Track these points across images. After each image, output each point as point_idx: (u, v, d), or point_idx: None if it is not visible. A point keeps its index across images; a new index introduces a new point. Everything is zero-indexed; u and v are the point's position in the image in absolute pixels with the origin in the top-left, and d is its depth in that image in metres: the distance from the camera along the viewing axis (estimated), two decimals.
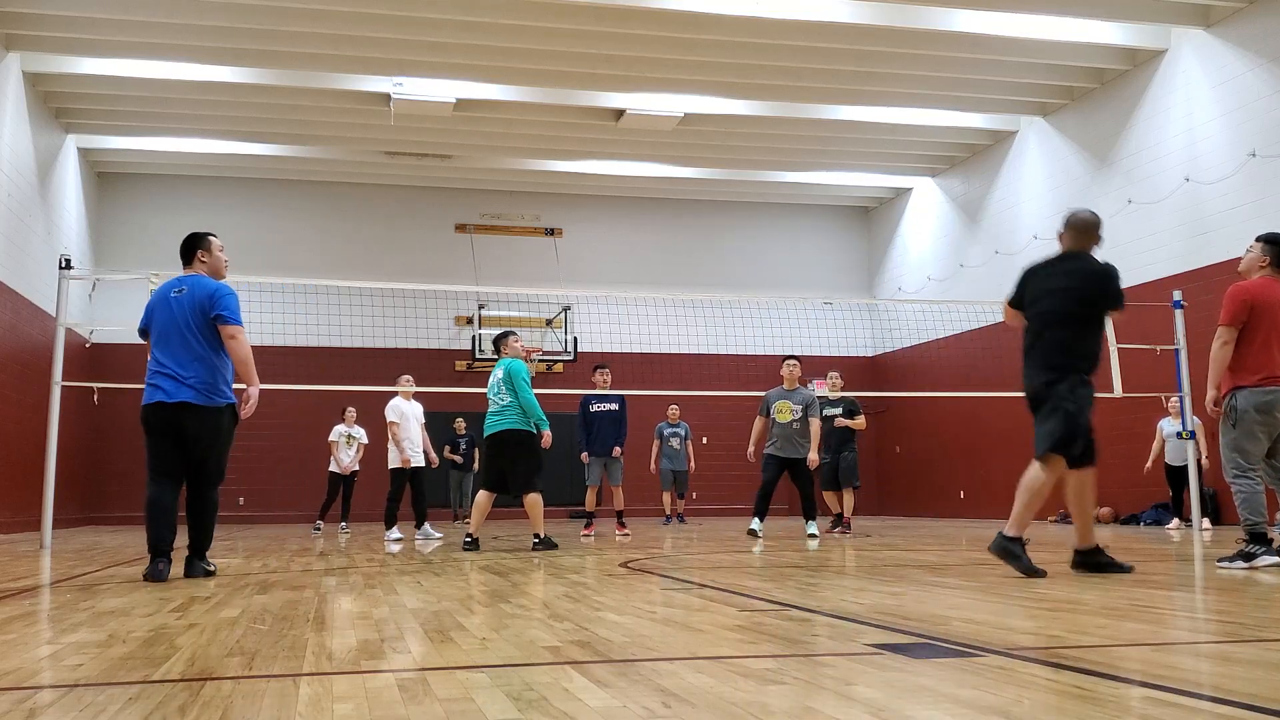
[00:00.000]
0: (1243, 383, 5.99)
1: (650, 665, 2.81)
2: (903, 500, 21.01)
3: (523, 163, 19.71)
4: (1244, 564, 5.88)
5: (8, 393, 14.05)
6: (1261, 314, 5.99)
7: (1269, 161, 12.77)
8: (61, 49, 14.49)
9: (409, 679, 2.61)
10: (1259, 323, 5.98)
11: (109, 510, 18.30)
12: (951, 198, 19.82)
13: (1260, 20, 13.07)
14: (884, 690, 2.41)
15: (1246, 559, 5.89)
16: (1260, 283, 6.13)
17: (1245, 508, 5.96)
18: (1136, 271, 14.76)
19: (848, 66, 15.05)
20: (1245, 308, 6.00)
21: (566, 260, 20.83)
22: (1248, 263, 6.33)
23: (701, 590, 5.01)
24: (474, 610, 4.14)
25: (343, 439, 14.34)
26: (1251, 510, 5.93)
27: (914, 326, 20.10)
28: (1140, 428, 13.82)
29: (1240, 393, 5.99)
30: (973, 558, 7.35)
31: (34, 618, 4.24)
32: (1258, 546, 5.90)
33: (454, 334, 19.98)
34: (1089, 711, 2.15)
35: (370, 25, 13.56)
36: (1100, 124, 15.80)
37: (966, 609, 4.05)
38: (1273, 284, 6.14)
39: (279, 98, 16.14)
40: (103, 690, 2.52)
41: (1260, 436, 6.00)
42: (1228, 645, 3.21)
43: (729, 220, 22.06)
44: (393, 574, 6.16)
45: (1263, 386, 5.93)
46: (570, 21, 13.49)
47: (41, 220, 15.95)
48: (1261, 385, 5.93)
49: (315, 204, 20.42)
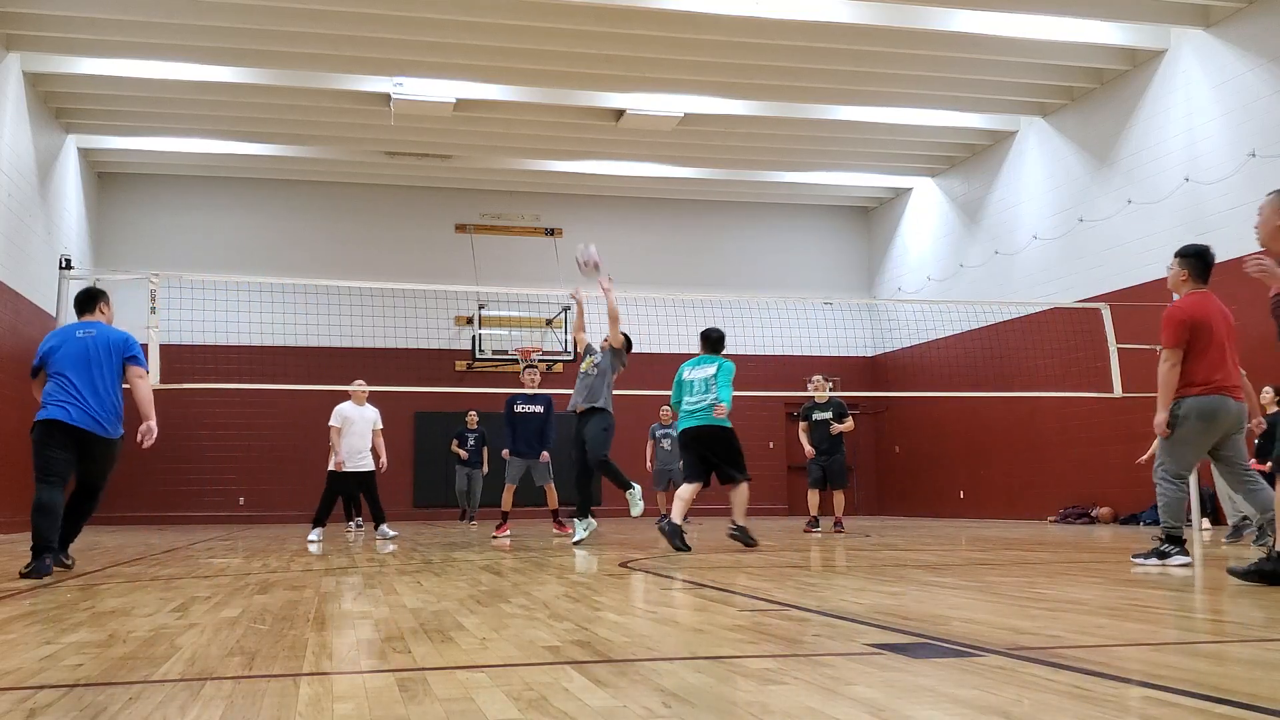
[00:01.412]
0: (1189, 392, 6.13)
1: (650, 665, 2.81)
2: (902, 500, 21.01)
3: (523, 163, 19.71)
4: (1158, 561, 6.12)
5: (8, 393, 14.05)
6: (1199, 330, 6.13)
7: (1269, 161, 12.77)
8: (61, 49, 14.49)
9: (409, 679, 2.61)
10: (1198, 337, 6.12)
11: (109, 510, 18.29)
12: (951, 198, 19.83)
13: (1260, 20, 13.08)
14: (884, 690, 2.41)
15: (1161, 557, 6.13)
16: (1192, 300, 6.27)
17: (1166, 511, 6.18)
18: (1136, 271, 14.77)
19: (847, 66, 15.05)
20: (1185, 328, 6.13)
21: (566, 260, 20.80)
22: (1172, 281, 6.48)
23: (701, 590, 5.01)
24: (474, 610, 4.14)
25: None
26: (1172, 515, 6.16)
27: (914, 326, 20.10)
28: (1140, 428, 13.79)
29: (1186, 400, 6.12)
30: (973, 558, 7.35)
31: (34, 618, 4.24)
32: (1172, 547, 6.13)
33: (454, 334, 19.98)
34: (1089, 711, 2.15)
35: (370, 25, 13.56)
36: (1100, 124, 15.80)
37: (966, 609, 4.05)
38: (1204, 298, 6.28)
39: (279, 98, 16.14)
40: (103, 690, 2.52)
41: (1200, 443, 6.15)
42: (1227, 645, 3.22)
43: (729, 220, 22.06)
44: (393, 574, 6.16)
45: (1207, 395, 6.07)
46: (570, 21, 13.49)
47: (41, 220, 15.95)
48: (1205, 394, 6.07)
49: (315, 204, 20.42)
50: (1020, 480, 17.41)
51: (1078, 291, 15.73)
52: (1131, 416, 13.71)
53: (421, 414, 19.83)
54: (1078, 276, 16.03)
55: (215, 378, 14.73)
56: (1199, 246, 6.46)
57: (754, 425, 19.24)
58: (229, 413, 18.93)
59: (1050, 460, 16.64)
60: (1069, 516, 15.41)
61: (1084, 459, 15.80)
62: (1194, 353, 6.12)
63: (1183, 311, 6.17)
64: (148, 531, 14.51)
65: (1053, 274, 16.68)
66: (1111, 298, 14.40)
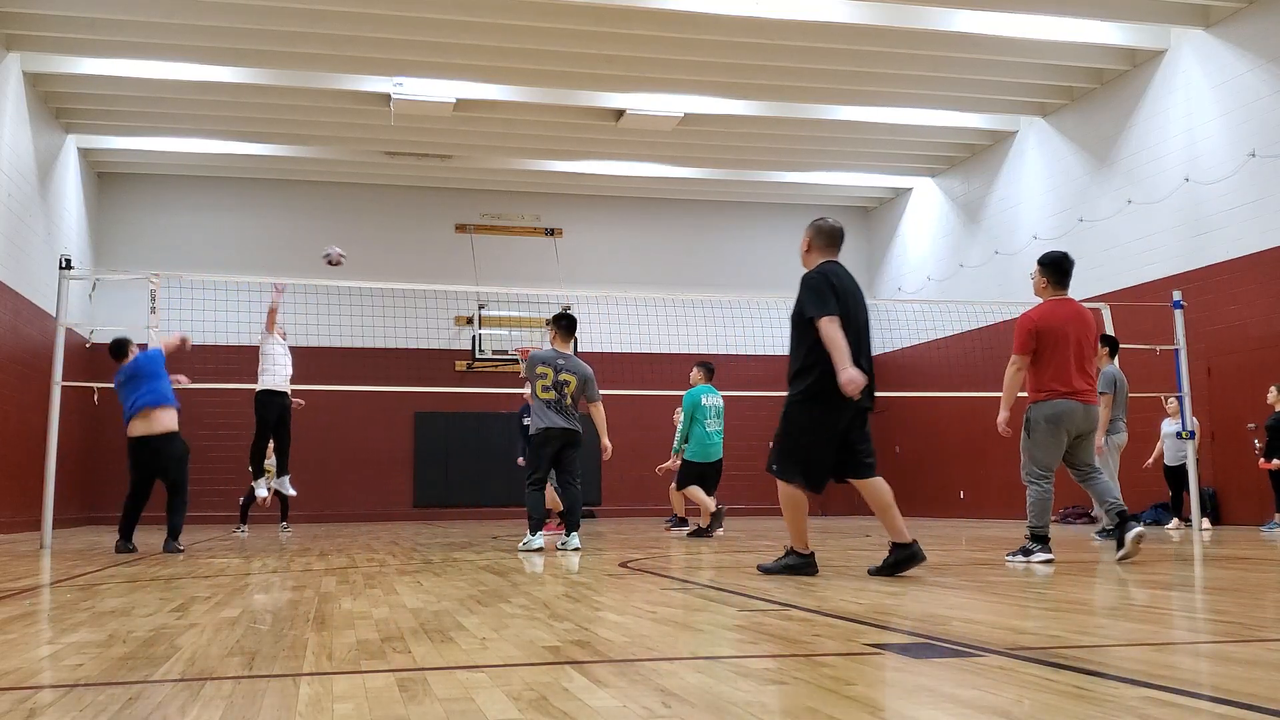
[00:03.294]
0: (1035, 399, 6.48)
1: (650, 665, 2.81)
2: (902, 500, 20.68)
3: (523, 163, 19.71)
4: (1023, 558, 6.41)
5: (8, 393, 14.05)
6: (1046, 337, 6.41)
7: (1269, 161, 12.78)
8: (61, 49, 14.49)
9: (409, 679, 2.61)
10: (1045, 344, 6.41)
11: (109, 510, 18.26)
12: (951, 198, 19.82)
13: (1260, 20, 13.07)
14: (884, 690, 2.41)
15: (1026, 554, 6.44)
16: (1045, 309, 6.55)
17: (1033, 510, 6.49)
18: (1136, 271, 14.77)
19: (847, 66, 15.05)
20: (1031, 336, 6.45)
21: (566, 260, 20.83)
22: (1035, 288, 6.80)
23: (701, 590, 5.01)
24: (474, 610, 4.14)
25: None
26: (1038, 515, 6.47)
27: (914, 326, 20.08)
28: (1140, 428, 13.79)
29: (1034, 406, 6.49)
30: (973, 558, 7.35)
31: (34, 618, 4.24)
32: (1036, 545, 6.43)
33: (454, 334, 19.98)
34: (1089, 711, 2.15)
35: (370, 25, 13.56)
36: (1100, 124, 15.80)
37: (966, 609, 4.05)
38: (1058, 305, 6.56)
39: (279, 98, 16.14)
40: (103, 690, 2.52)
41: (1052, 445, 6.46)
42: (1227, 645, 3.22)
43: (729, 220, 22.06)
44: (392, 574, 6.16)
45: (1050, 400, 6.39)
46: (570, 21, 13.49)
47: (41, 220, 15.95)
48: (1049, 399, 6.40)
49: (315, 204, 20.41)
50: (1020, 480, 17.37)
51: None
52: (1131, 416, 13.70)
53: (421, 414, 19.83)
54: (1078, 276, 15.88)
55: (215, 378, 14.71)
56: (1056, 254, 6.77)
57: (753, 425, 19.24)
58: (229, 413, 18.91)
59: None
60: (1069, 516, 15.40)
61: None
62: (1039, 359, 6.43)
63: (1030, 321, 6.48)
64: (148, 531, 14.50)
65: None
66: (1111, 298, 14.38)
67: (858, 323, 5.62)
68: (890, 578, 5.44)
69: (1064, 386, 6.38)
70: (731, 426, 20.01)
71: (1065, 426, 6.42)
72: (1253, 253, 12.99)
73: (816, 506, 21.01)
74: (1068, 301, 6.64)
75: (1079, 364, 6.44)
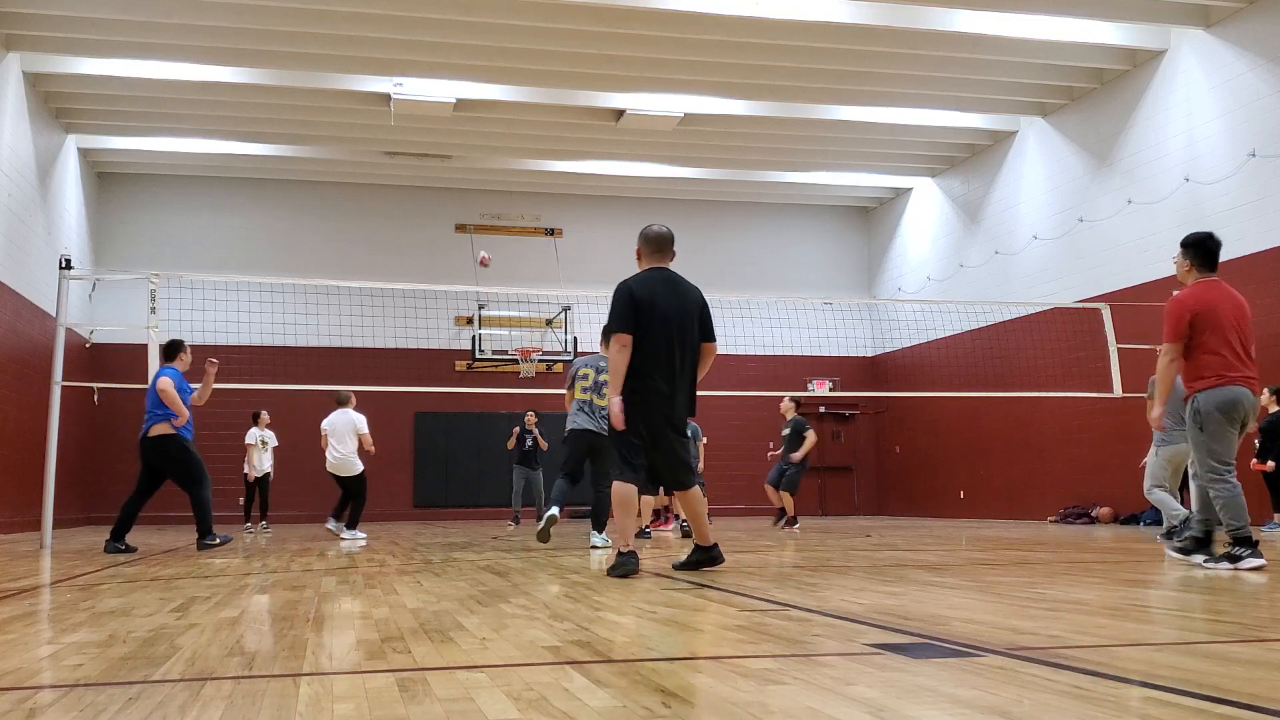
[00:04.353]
0: (1200, 386, 5.93)
1: (650, 665, 2.81)
2: (903, 500, 21.01)
3: (522, 163, 19.71)
4: (1229, 564, 5.82)
5: (8, 393, 14.04)
6: (1201, 320, 5.93)
7: (1269, 161, 12.78)
8: (61, 49, 14.49)
9: (409, 679, 2.61)
10: (1202, 329, 5.92)
11: (109, 510, 18.23)
12: (951, 198, 19.82)
13: (1260, 20, 13.07)
14: (884, 690, 2.41)
15: (1232, 560, 5.82)
16: (1193, 291, 6.06)
17: (1226, 511, 5.87)
18: (1136, 271, 14.78)
19: (848, 66, 15.05)
20: (1185, 321, 5.95)
21: (566, 260, 20.83)
22: (1179, 272, 6.29)
23: (701, 590, 5.00)
24: (474, 610, 4.14)
25: (258, 442, 14.53)
26: (1233, 515, 5.84)
27: (914, 326, 20.10)
28: (1140, 428, 13.79)
29: (1200, 395, 5.91)
30: (973, 558, 7.35)
31: (34, 618, 4.24)
32: (1243, 549, 5.80)
33: (454, 334, 19.98)
34: (1089, 711, 2.15)
35: (370, 25, 13.56)
36: (1100, 124, 15.80)
37: (966, 609, 4.05)
38: (1208, 288, 6.06)
39: (279, 98, 16.14)
40: (103, 690, 2.52)
41: (1228, 435, 5.89)
42: (1227, 645, 3.21)
43: (728, 220, 22.06)
44: (393, 574, 6.16)
45: (1220, 387, 5.86)
46: (570, 21, 13.49)
47: (41, 220, 15.95)
48: (1219, 385, 5.87)
49: (315, 204, 20.42)
50: (1020, 480, 17.41)
51: (1078, 291, 15.73)
52: (1131, 417, 13.70)
53: (421, 414, 19.83)
54: (1077, 276, 16.02)
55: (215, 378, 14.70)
56: (1201, 234, 6.24)
57: (753, 426, 19.26)
58: (228, 413, 18.90)
59: (1050, 460, 16.64)
60: (1069, 516, 15.40)
61: (1084, 459, 15.80)
62: (1195, 345, 5.93)
63: (1181, 304, 5.98)
64: (148, 531, 14.50)
65: (1052, 274, 16.68)
66: (1111, 298, 14.40)
67: (669, 331, 5.72)
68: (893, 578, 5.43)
69: (1232, 371, 5.87)
70: (731, 426, 20.14)
71: (1238, 414, 5.88)
72: (1253, 253, 12.99)
73: (816, 506, 21.06)
74: (1218, 284, 6.09)
75: (1244, 347, 5.95)
